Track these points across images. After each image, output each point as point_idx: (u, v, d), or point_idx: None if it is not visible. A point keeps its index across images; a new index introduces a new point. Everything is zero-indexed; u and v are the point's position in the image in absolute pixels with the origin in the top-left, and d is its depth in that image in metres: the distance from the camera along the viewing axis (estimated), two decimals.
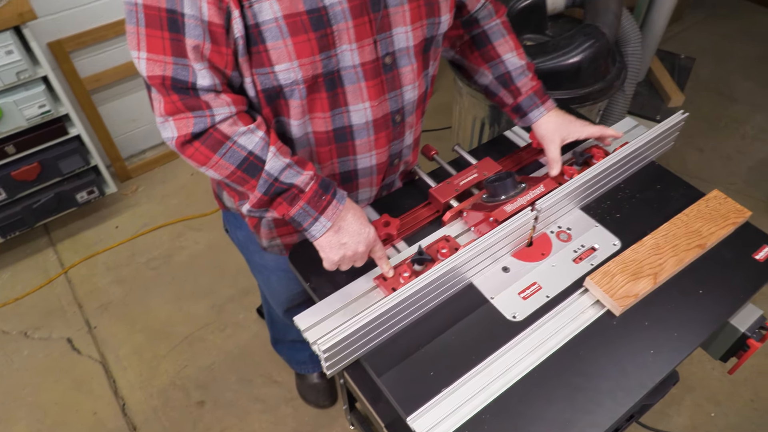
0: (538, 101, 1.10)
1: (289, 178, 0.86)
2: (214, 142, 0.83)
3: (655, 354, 0.87)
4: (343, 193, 0.91)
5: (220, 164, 0.85)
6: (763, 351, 1.94)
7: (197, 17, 0.75)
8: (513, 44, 1.11)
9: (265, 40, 0.78)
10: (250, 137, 0.84)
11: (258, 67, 0.81)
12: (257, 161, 0.85)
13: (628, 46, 1.94)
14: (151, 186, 2.55)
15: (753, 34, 3.44)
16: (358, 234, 0.90)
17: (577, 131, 1.10)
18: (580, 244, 1.02)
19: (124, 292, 2.16)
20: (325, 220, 0.88)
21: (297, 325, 0.91)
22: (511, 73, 1.10)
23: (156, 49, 0.77)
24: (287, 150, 0.88)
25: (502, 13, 1.12)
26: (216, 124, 0.82)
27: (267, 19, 0.77)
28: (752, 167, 2.62)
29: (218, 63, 0.79)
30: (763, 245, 1.02)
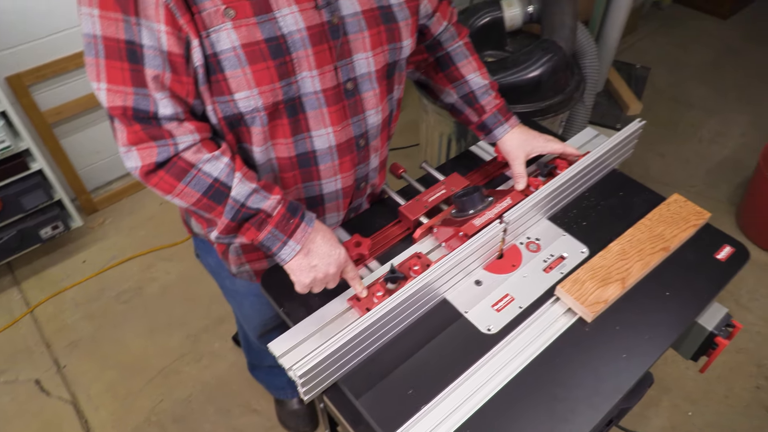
0: (501, 119, 1.12)
1: (256, 203, 0.86)
2: (178, 170, 0.83)
3: (627, 358, 0.89)
4: (311, 216, 0.91)
5: (185, 192, 0.84)
6: (733, 347, 1.98)
7: (156, 47, 0.75)
8: (476, 65, 1.14)
9: (223, 69, 0.79)
10: (215, 164, 0.84)
11: (218, 95, 0.82)
12: (223, 188, 0.84)
13: (585, 58, 2.00)
14: (119, 218, 2.50)
15: (704, 41, 3.58)
16: (329, 255, 0.90)
17: (541, 147, 1.13)
18: (550, 254, 1.04)
19: (94, 328, 2.10)
20: (294, 244, 0.88)
21: (272, 351, 0.90)
22: (475, 92, 1.12)
23: (116, 79, 0.77)
24: (253, 175, 0.88)
25: (464, 35, 1.14)
26: (180, 152, 0.82)
27: (225, 49, 0.77)
28: (711, 170, 2.71)
29: (179, 92, 0.80)
30: (724, 245, 1.05)
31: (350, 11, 0.86)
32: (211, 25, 0.76)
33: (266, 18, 0.78)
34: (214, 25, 0.76)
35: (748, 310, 2.13)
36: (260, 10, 0.78)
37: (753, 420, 1.81)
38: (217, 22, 0.76)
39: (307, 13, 0.81)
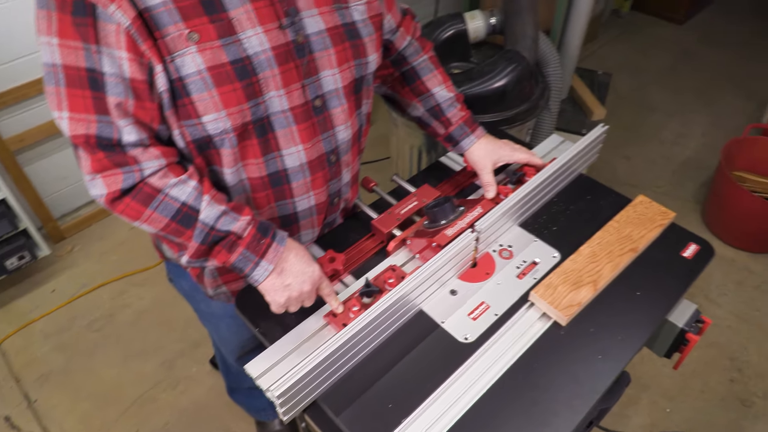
0: (468, 130, 1.14)
1: (226, 225, 0.85)
2: (144, 196, 0.82)
3: (603, 359, 0.90)
4: (283, 234, 0.91)
5: (153, 218, 0.83)
6: (705, 342, 2.03)
7: (118, 75, 0.75)
8: (441, 78, 1.15)
9: (190, 92, 0.78)
10: (182, 188, 0.83)
11: (185, 119, 0.81)
12: (191, 211, 0.84)
13: (548, 67, 2.05)
14: (88, 244, 2.45)
15: (662, 47, 3.70)
16: (302, 273, 0.90)
17: (507, 156, 1.14)
18: (522, 260, 1.05)
19: (65, 359, 2.05)
20: (267, 264, 0.87)
21: (249, 372, 0.88)
22: (441, 105, 1.14)
23: (78, 108, 0.76)
24: (222, 197, 0.87)
25: (429, 49, 1.16)
26: (145, 178, 0.81)
27: (190, 72, 0.77)
28: (675, 170, 2.79)
29: (143, 118, 0.79)
30: (689, 243, 1.08)
31: (315, 29, 0.86)
32: (176, 49, 0.75)
33: (231, 40, 0.78)
34: (179, 49, 0.75)
35: (717, 305, 2.18)
36: (224, 32, 0.78)
37: (729, 413, 1.85)
38: (181, 47, 0.75)
39: (271, 34, 0.81)
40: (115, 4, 0.71)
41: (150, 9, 0.73)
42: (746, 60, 3.53)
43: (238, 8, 0.78)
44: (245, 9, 0.79)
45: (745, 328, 2.10)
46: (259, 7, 0.80)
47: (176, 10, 0.74)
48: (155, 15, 0.73)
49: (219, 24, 0.77)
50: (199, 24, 0.76)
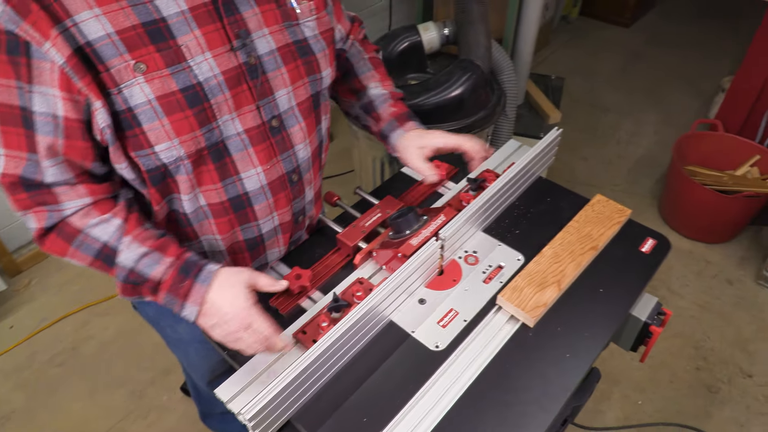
0: (397, 125, 1.11)
1: (145, 269, 0.83)
2: (66, 234, 0.82)
3: (571, 357, 0.92)
4: (209, 271, 0.85)
5: (77, 255, 0.83)
6: (670, 333, 2.09)
7: (50, 114, 0.74)
8: (378, 76, 1.15)
9: (140, 122, 0.77)
10: (104, 227, 0.82)
11: (137, 150, 0.80)
12: (111, 252, 0.83)
13: (502, 74, 2.09)
14: (46, 276, 2.37)
15: (611, 49, 3.83)
16: (224, 314, 0.84)
17: (434, 140, 1.08)
18: (488, 265, 1.06)
19: (27, 397, 1.97)
20: (191, 305, 0.84)
21: (219, 397, 0.87)
22: (374, 101, 1.13)
23: (12, 145, 0.76)
24: (148, 236, 0.85)
25: (371, 50, 1.17)
26: (66, 217, 0.81)
27: (140, 103, 0.76)
28: (631, 168, 2.88)
29: (74, 157, 0.78)
30: (647, 238, 1.11)
31: (266, 49, 0.86)
32: (122, 81, 0.74)
33: (180, 68, 0.77)
34: (125, 81, 0.74)
35: (680, 296, 2.25)
36: (173, 60, 0.77)
37: (697, 400, 1.91)
38: (127, 78, 0.74)
39: (222, 58, 0.81)
40: (49, 41, 0.69)
41: (92, 43, 0.72)
42: (692, 59, 3.69)
43: (187, 35, 0.77)
44: (194, 35, 0.78)
45: (707, 317, 2.17)
46: (208, 32, 0.79)
47: (120, 41, 0.73)
48: (97, 49, 0.72)
49: (167, 52, 0.76)
50: (145, 54, 0.75)
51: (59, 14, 0.70)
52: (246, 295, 0.85)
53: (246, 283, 0.86)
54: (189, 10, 0.77)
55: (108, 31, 0.72)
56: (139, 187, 0.87)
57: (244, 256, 1.03)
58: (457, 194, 1.20)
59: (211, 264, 0.86)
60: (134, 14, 0.74)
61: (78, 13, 0.71)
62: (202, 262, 0.86)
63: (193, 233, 0.96)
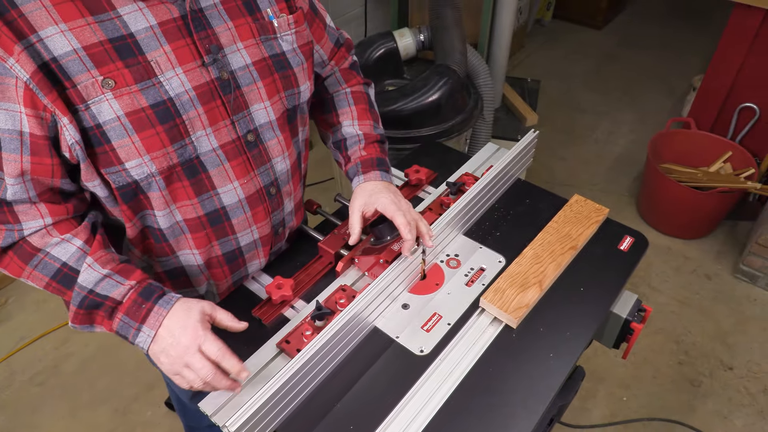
0: (360, 170, 1.06)
1: (106, 290, 0.81)
2: (24, 253, 0.81)
3: (554, 356, 0.93)
4: (170, 297, 0.83)
5: (34, 275, 0.82)
6: (652, 329, 2.12)
7: (15, 131, 0.73)
8: (355, 114, 1.10)
9: (109, 139, 0.76)
10: (64, 247, 0.81)
11: (107, 167, 0.79)
12: (72, 272, 0.81)
13: (479, 78, 2.11)
14: (23, 294, 2.32)
15: (585, 52, 3.89)
16: (176, 338, 0.79)
17: (379, 203, 1.00)
18: (470, 268, 1.07)
19: (6, 418, 1.92)
20: (147, 329, 0.80)
21: (203, 410, 0.86)
22: (346, 140, 1.10)
23: None
24: (111, 258, 0.83)
25: (354, 83, 1.13)
26: (24, 237, 0.80)
27: (108, 119, 0.75)
28: (609, 167, 2.92)
29: (40, 174, 0.77)
30: (625, 236, 1.13)
31: (240, 64, 0.85)
32: (89, 97, 0.73)
33: (150, 84, 0.77)
34: (92, 97, 0.73)
35: (659, 292, 2.28)
36: (142, 76, 0.76)
37: (680, 394, 1.93)
38: (95, 94, 0.73)
39: (193, 73, 0.80)
40: (13, 57, 0.69)
41: (58, 59, 0.71)
42: (664, 59, 3.76)
43: (156, 50, 0.77)
44: (163, 50, 0.77)
45: (687, 312, 2.20)
46: (178, 47, 0.78)
47: (87, 57, 0.72)
48: (64, 64, 0.71)
49: (136, 68, 0.75)
50: (114, 70, 0.74)
51: (23, 30, 0.69)
52: (199, 317, 0.80)
53: (203, 310, 0.82)
54: (158, 26, 0.77)
55: (74, 46, 0.71)
56: (111, 204, 0.86)
57: (223, 270, 1.01)
58: (437, 198, 1.20)
59: (171, 292, 0.84)
60: (101, 30, 0.73)
61: (43, 29, 0.70)
62: (165, 289, 0.84)
63: (169, 248, 0.94)
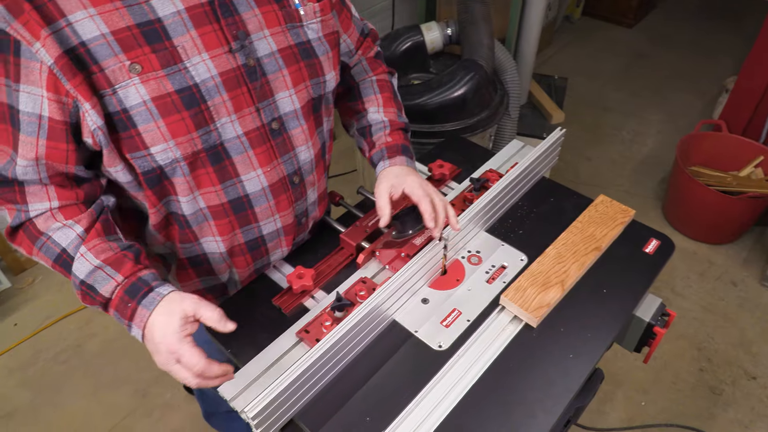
0: (385, 155, 1.06)
1: (96, 283, 0.80)
2: (31, 234, 0.83)
3: (574, 357, 0.92)
4: (155, 296, 0.79)
5: (40, 256, 0.84)
6: (674, 334, 2.08)
7: (35, 114, 0.74)
8: (381, 101, 1.11)
9: (135, 124, 0.77)
10: (65, 233, 0.82)
11: (132, 151, 0.80)
12: (69, 259, 0.82)
13: (505, 74, 2.09)
14: (49, 275, 2.37)
15: (614, 50, 3.82)
16: (156, 343, 0.77)
17: (406, 185, 0.99)
18: (491, 265, 1.06)
19: (32, 394, 1.97)
20: (136, 328, 0.79)
21: (222, 395, 0.87)
22: (371, 126, 1.10)
23: (1, 140, 0.77)
24: (107, 247, 0.82)
25: (380, 72, 1.14)
26: (31, 218, 0.82)
27: (135, 104, 0.76)
28: (635, 168, 2.87)
29: (54, 158, 0.78)
30: (651, 239, 1.11)
31: (266, 51, 0.85)
32: (116, 82, 0.74)
33: (176, 69, 0.77)
34: (119, 81, 0.74)
35: (683, 297, 2.24)
36: (168, 62, 0.76)
37: (700, 401, 1.90)
38: (122, 79, 0.74)
39: (219, 59, 0.80)
40: (39, 42, 0.69)
41: (86, 43, 0.72)
42: (695, 59, 3.68)
43: (183, 36, 0.77)
44: (190, 36, 0.78)
45: (711, 318, 2.16)
46: (204, 32, 0.79)
47: (115, 41, 0.73)
48: (92, 49, 0.72)
49: (162, 53, 0.76)
50: (141, 54, 0.74)
51: (53, 14, 0.70)
52: (177, 327, 0.76)
53: (184, 313, 0.77)
54: (185, 11, 0.77)
55: (103, 31, 0.72)
56: (134, 190, 0.87)
57: (246, 258, 1.02)
58: (460, 194, 1.20)
59: (162, 287, 0.80)
60: (129, 15, 0.74)
61: (72, 13, 0.71)
62: (154, 283, 0.80)
63: (192, 235, 0.96)
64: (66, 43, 0.71)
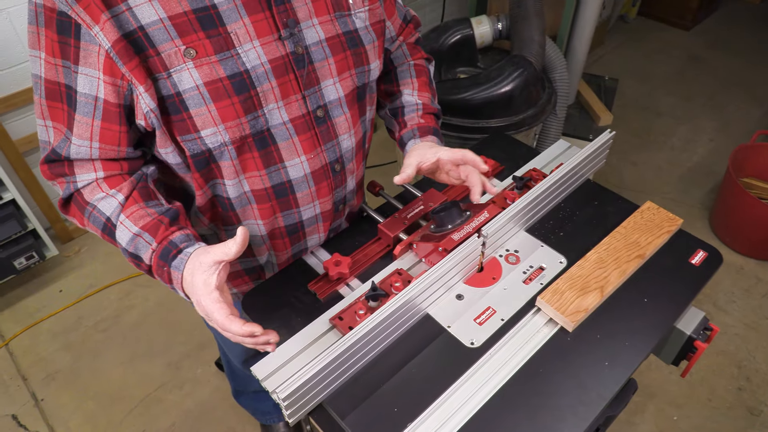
0: (416, 134, 1.06)
1: (138, 251, 0.82)
2: (80, 205, 0.85)
3: (610, 365, 0.90)
4: (183, 256, 0.80)
5: (89, 226, 0.86)
6: (713, 350, 2.02)
7: (91, 96, 0.76)
8: (416, 85, 1.11)
9: (188, 107, 0.79)
10: (108, 202, 0.84)
11: (183, 134, 0.81)
12: (112, 227, 0.84)
13: (554, 72, 2.05)
14: (95, 245, 2.46)
15: (669, 52, 3.69)
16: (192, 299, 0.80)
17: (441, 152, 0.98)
18: (529, 265, 1.05)
19: (72, 358, 2.06)
20: (177, 289, 0.82)
21: (255, 374, 0.89)
22: (404, 107, 1.10)
23: (58, 118, 0.80)
24: (145, 214, 0.83)
25: (418, 57, 1.14)
26: (78, 189, 0.85)
27: (187, 88, 0.77)
28: (682, 176, 2.78)
29: (108, 140, 0.80)
30: (698, 250, 1.07)
31: (314, 39, 0.86)
32: (171, 66, 0.76)
33: (228, 55, 0.78)
34: (174, 65, 0.76)
35: (725, 313, 2.17)
36: (221, 47, 0.78)
37: (737, 421, 1.84)
38: (177, 63, 0.76)
39: (270, 46, 0.81)
40: (99, 26, 0.71)
41: (144, 27, 0.73)
42: (754, 66, 3.52)
43: (236, 22, 0.78)
44: (243, 23, 0.79)
45: (754, 336, 2.08)
46: (257, 20, 0.80)
47: (172, 26, 0.74)
48: (150, 33, 0.74)
49: (216, 39, 0.77)
50: (195, 40, 0.76)
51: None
52: (201, 282, 0.76)
53: (204, 266, 0.76)
54: None
55: (161, 15, 0.74)
56: (183, 171, 0.89)
57: (284, 242, 1.04)
58: (501, 191, 1.18)
59: (189, 247, 0.81)
60: (186, 0, 0.75)
61: None
62: (182, 245, 0.81)
63: (235, 218, 0.98)
64: (124, 27, 0.72)
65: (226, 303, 0.75)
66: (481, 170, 0.95)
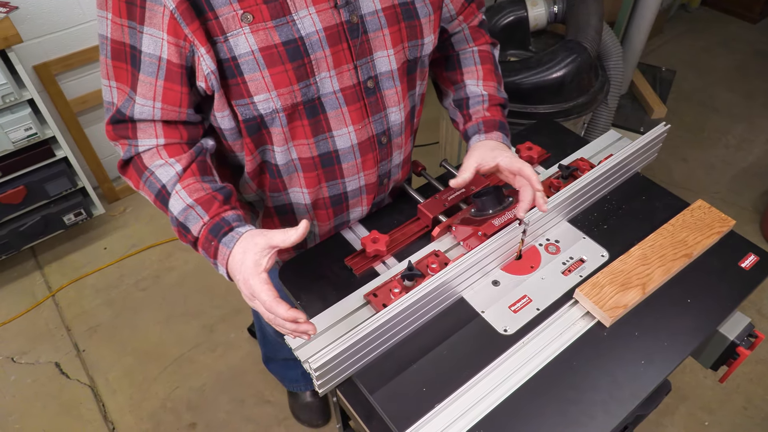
0: (482, 129, 1.04)
1: (187, 222, 0.83)
2: (138, 169, 0.87)
3: (646, 364, 0.88)
4: (234, 234, 0.81)
5: (144, 190, 0.88)
6: (753, 358, 1.95)
7: (156, 56, 0.77)
8: (481, 74, 1.09)
9: (242, 72, 0.79)
10: (166, 170, 0.85)
11: (237, 99, 0.82)
12: (167, 195, 0.85)
13: (609, 60, 1.98)
14: (139, 207, 2.54)
15: (731, 46, 3.51)
16: (237, 280, 0.80)
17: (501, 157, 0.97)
18: (569, 256, 1.03)
19: (113, 314, 2.14)
20: (220, 265, 0.82)
21: (288, 343, 0.90)
22: (469, 99, 1.08)
23: (122, 79, 0.81)
24: (201, 188, 0.84)
25: (482, 42, 1.10)
26: (139, 153, 0.86)
27: (243, 52, 0.78)
28: (735, 176, 2.66)
29: (169, 101, 0.81)
30: (749, 253, 1.03)
31: (370, 9, 0.85)
32: (228, 29, 0.76)
33: (284, 21, 0.78)
34: (231, 29, 0.76)
35: None
36: (278, 13, 0.78)
37: None
38: (234, 27, 0.76)
39: (325, 14, 0.81)
40: None
41: None
42: None
43: None
44: None
45: None
46: None
47: None
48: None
49: (273, 4, 0.77)
50: (253, 5, 0.76)
51: None
52: (251, 263, 0.77)
53: (257, 247, 0.78)
54: None
55: None
56: (233, 138, 0.90)
57: (327, 212, 1.05)
58: (546, 179, 1.16)
59: (241, 227, 0.82)
60: None
61: None
62: (235, 224, 0.83)
63: (282, 185, 0.99)
64: None
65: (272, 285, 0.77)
66: (535, 189, 0.93)
